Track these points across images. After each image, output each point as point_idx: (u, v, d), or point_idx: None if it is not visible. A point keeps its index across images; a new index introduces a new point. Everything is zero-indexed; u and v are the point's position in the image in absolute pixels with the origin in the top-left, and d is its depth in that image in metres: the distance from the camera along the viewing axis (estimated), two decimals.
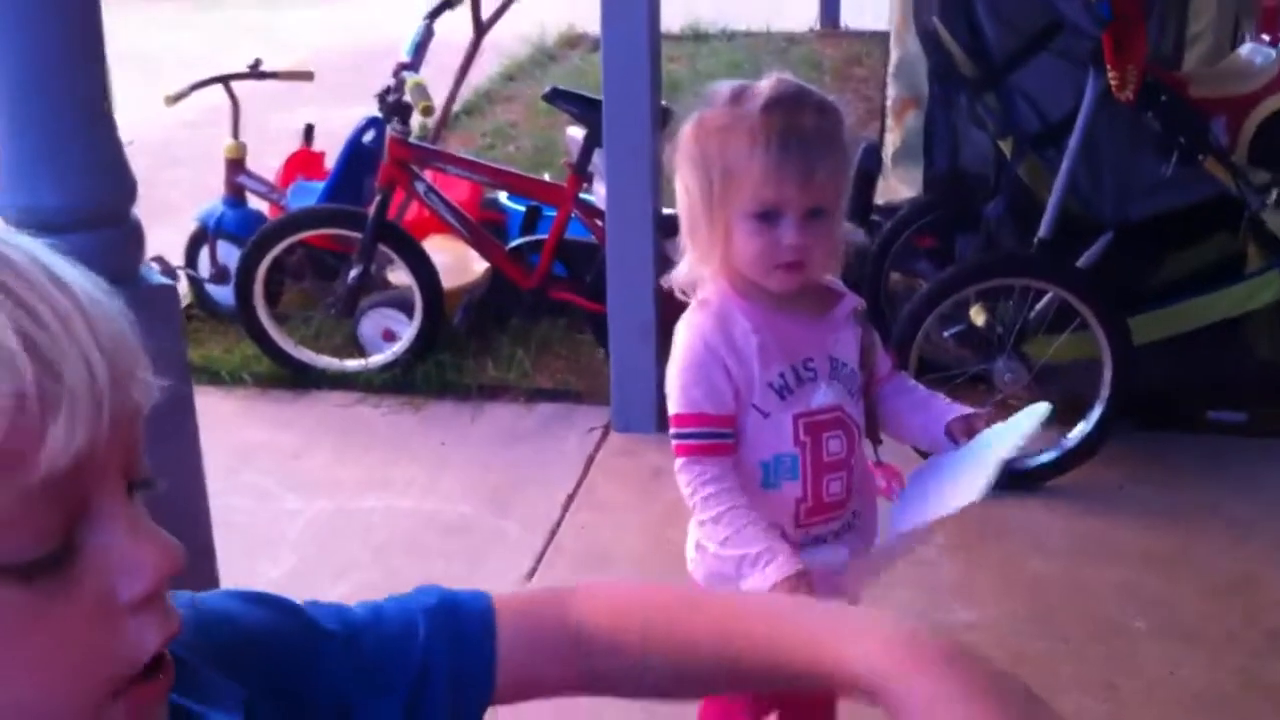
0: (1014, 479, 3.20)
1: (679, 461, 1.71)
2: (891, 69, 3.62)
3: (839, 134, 1.68)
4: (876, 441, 1.88)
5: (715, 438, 1.70)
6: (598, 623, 0.79)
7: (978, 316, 3.39)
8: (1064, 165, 3.12)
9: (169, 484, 1.11)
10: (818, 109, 1.68)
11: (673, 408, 1.72)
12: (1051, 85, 3.22)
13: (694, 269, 1.74)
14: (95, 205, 1.52)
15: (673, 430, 1.72)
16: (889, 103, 3.64)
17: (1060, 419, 3.38)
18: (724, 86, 1.71)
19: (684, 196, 1.72)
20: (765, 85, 1.68)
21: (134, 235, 1.63)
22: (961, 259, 3.45)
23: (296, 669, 0.74)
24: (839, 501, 1.75)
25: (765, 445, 1.72)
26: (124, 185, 1.61)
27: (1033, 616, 2.70)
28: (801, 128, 1.65)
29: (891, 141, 3.58)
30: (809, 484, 1.73)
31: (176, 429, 1.65)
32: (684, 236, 1.75)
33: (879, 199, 3.68)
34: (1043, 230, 3.16)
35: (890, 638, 0.69)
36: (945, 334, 3.47)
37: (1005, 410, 3.35)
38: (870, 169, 3.70)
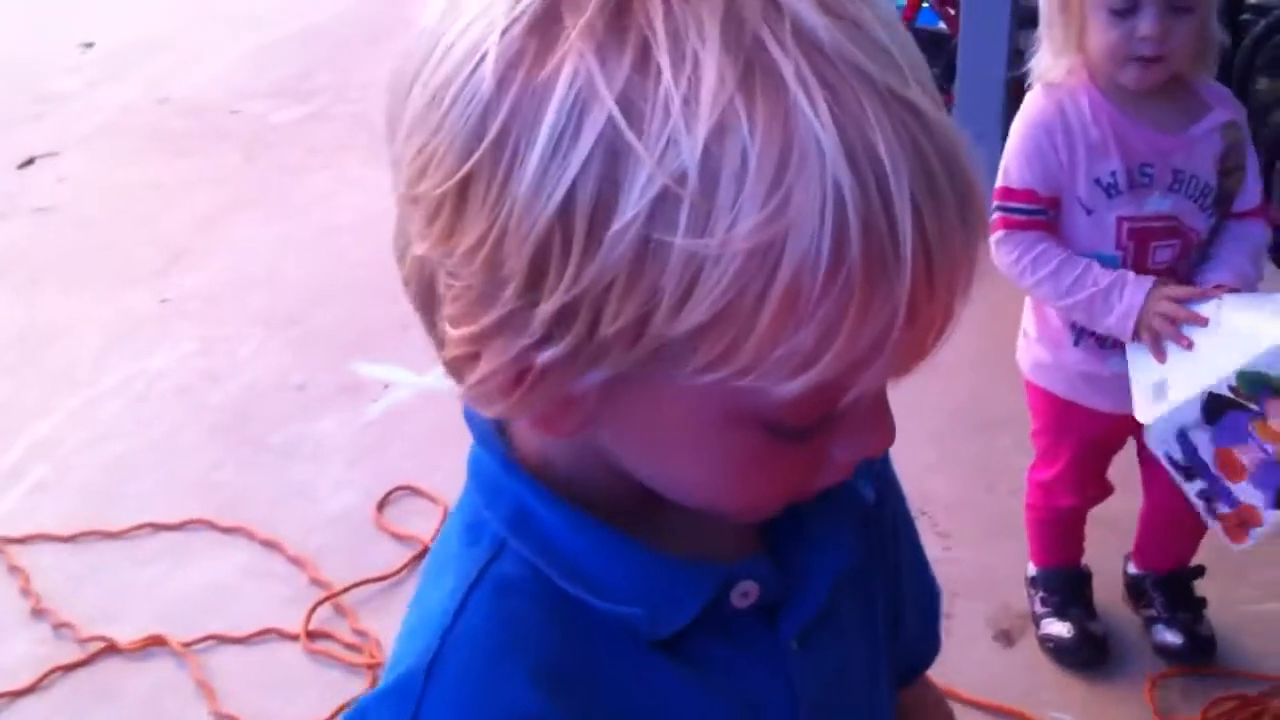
0: None
1: (998, 235, 1.72)
2: None
3: None
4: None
5: (1039, 214, 1.70)
6: None
7: None
8: None
9: None
10: None
11: (1000, 180, 1.73)
12: None
13: (1050, 60, 1.70)
14: None
15: (996, 203, 1.73)
16: None
17: None
18: None
19: None
20: None
21: None
22: None
23: None
24: None
25: (1084, 241, 1.71)
26: None
27: None
28: None
29: None
30: None
31: None
32: (1042, 24, 1.71)
33: None
34: None
35: None
36: None
37: None
38: None
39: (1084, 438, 1.90)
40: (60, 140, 4.15)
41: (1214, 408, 1.57)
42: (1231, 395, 1.55)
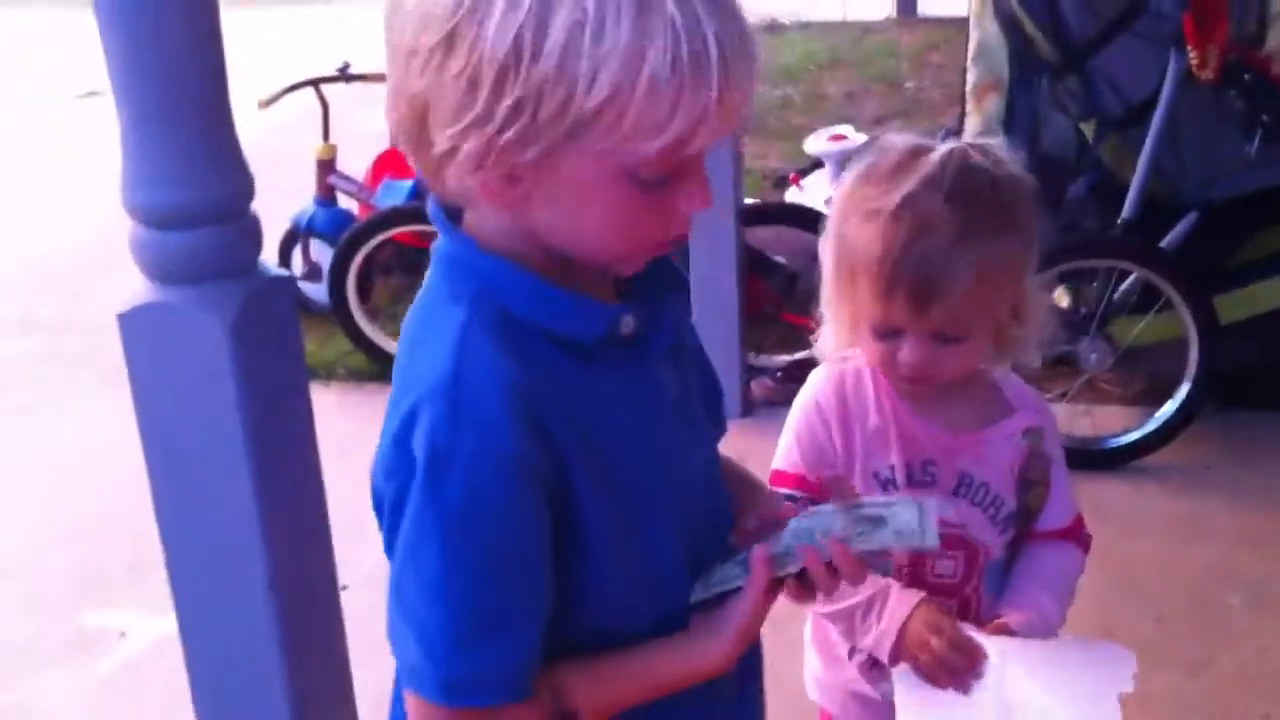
0: (1100, 458, 3.22)
1: None
2: (971, 52, 3.64)
3: (998, 239, 1.36)
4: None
5: (809, 503, 1.40)
6: None
7: (1062, 298, 3.39)
8: (1147, 146, 3.11)
9: (286, 472, 1.60)
10: (970, 202, 1.33)
11: (774, 462, 1.49)
12: (1133, 67, 3.21)
13: (832, 340, 1.48)
14: (216, 201, 1.59)
15: (769, 487, 1.43)
16: (969, 87, 3.66)
17: (1146, 399, 3.39)
18: (897, 145, 1.39)
19: (823, 260, 1.46)
20: (934, 159, 1.34)
21: (254, 230, 1.70)
22: (1043, 241, 3.44)
23: None
24: None
25: None
26: (243, 181, 1.69)
27: (1126, 594, 2.72)
28: (935, 235, 1.32)
29: (971, 126, 3.59)
30: None
31: (293, 416, 1.72)
32: (822, 301, 1.48)
33: None
34: (1126, 211, 3.16)
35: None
36: None
37: (1093, 392, 3.38)
38: None
39: None
40: None
41: None
42: None
